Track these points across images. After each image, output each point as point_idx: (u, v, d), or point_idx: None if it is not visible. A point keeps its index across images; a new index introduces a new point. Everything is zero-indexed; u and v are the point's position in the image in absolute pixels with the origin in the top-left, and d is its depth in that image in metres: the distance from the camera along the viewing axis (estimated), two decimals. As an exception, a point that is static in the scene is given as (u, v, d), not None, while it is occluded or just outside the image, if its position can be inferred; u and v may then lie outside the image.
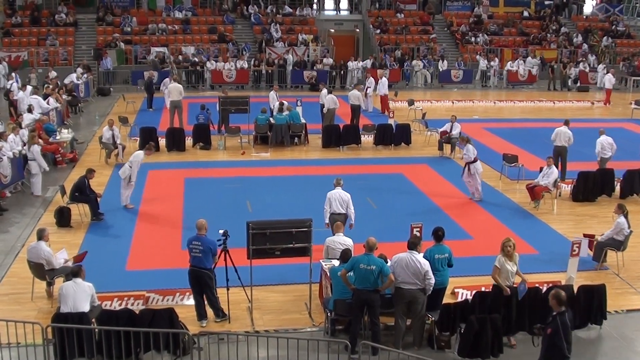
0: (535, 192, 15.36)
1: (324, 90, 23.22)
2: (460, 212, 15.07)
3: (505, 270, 9.31)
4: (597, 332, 9.87)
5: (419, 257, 9.15)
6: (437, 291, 9.47)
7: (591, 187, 16.06)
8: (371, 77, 27.81)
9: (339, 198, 12.43)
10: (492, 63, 35.08)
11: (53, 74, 28.07)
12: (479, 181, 15.69)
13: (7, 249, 12.54)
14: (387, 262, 9.30)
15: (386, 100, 26.07)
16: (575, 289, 9.86)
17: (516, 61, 35.06)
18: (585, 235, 12.18)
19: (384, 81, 26.44)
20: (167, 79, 26.59)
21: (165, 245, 12.84)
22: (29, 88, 24.18)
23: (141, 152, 15.21)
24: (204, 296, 9.80)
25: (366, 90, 26.92)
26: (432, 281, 9.13)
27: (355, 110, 23.23)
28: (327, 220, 12.28)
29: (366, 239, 9.19)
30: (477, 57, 35.84)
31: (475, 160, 15.55)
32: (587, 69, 35.33)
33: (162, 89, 26.76)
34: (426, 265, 9.09)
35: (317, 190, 15.07)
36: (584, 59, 36.60)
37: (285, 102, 21.58)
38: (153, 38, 34.72)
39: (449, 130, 19.70)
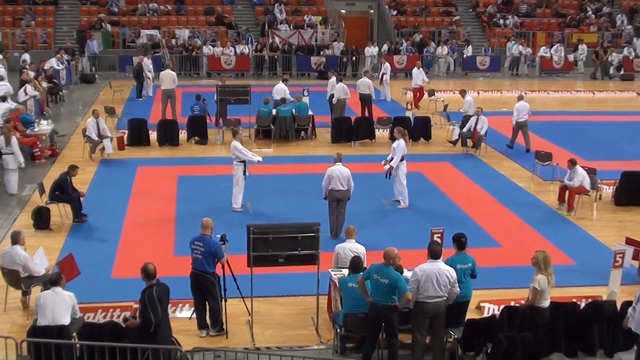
0: (570, 195, 15.26)
1: (333, 79, 23.19)
2: (487, 216, 15.02)
3: (547, 292, 9.20)
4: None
5: (445, 266, 9.14)
6: (459, 305, 9.44)
7: (636, 189, 15.87)
8: (387, 63, 27.77)
9: (339, 174, 13.04)
10: (523, 48, 34.93)
11: (26, 57, 27.98)
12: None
13: (-22, 254, 12.55)
14: (402, 274, 9.25)
15: (421, 93, 25.91)
16: (618, 305, 9.78)
17: (554, 47, 34.77)
18: (628, 242, 11.96)
19: (421, 70, 26.14)
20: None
21: (156, 250, 12.84)
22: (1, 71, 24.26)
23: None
24: (206, 304, 9.88)
25: (382, 77, 26.85)
26: (458, 290, 9.14)
27: (366, 100, 23.22)
28: (324, 195, 13.35)
29: (385, 248, 9.14)
30: (507, 41, 35.74)
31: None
32: (632, 55, 35.10)
33: (146, 75, 26.81)
34: (454, 273, 9.10)
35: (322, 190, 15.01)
36: (629, 44, 36.35)
37: (287, 97, 21.53)
38: (143, 19, 34.78)
39: (473, 125, 19.62)
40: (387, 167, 15.03)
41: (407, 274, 9.54)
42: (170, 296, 8.98)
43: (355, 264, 9.53)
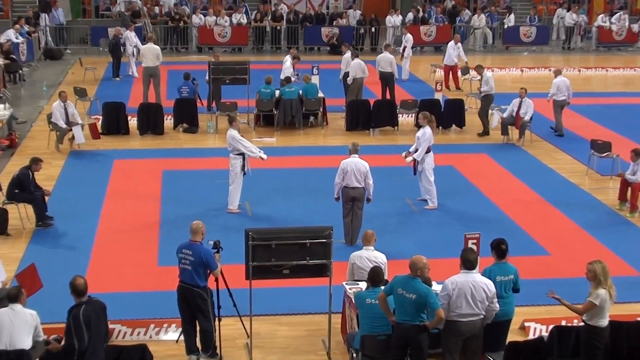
0: (633, 193, 15.18)
1: (348, 54, 23.15)
2: (532, 218, 14.98)
3: (607, 309, 9.13)
4: None
5: (481, 278, 9.10)
6: (500, 325, 9.42)
7: None
8: (409, 34, 27.69)
9: (355, 168, 12.98)
10: (576, 17, 34.78)
11: None
12: None
13: None
14: (431, 287, 9.24)
15: (455, 72, 25.86)
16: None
17: (615, 15, 34.58)
18: None
19: (459, 45, 25.99)
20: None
21: (135, 260, 12.87)
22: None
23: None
24: (197, 324, 9.89)
25: (403, 51, 26.74)
26: (497, 307, 9.13)
27: (387, 79, 23.18)
28: (336, 194, 13.35)
29: (411, 257, 9.09)
30: (556, 8, 35.59)
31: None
32: None
33: (128, 52, 26.89)
34: (492, 286, 9.08)
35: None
36: None
37: (293, 77, 21.55)
38: (120, -17, 34.87)
39: (516, 109, 19.55)
40: (409, 159, 14.99)
41: (436, 287, 9.53)
42: (107, 316, 8.85)
43: (375, 276, 9.49)
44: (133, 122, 20.44)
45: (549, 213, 15.33)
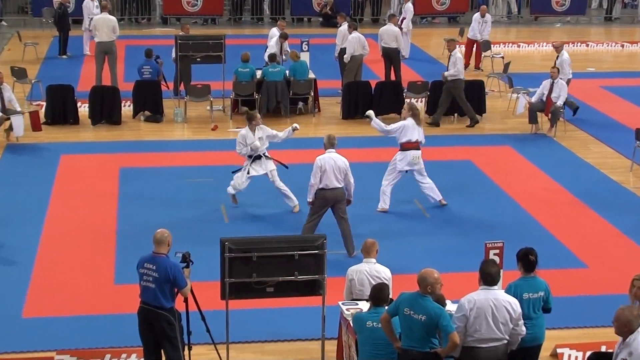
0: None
1: (345, 26, 23.12)
2: (565, 223, 15.03)
3: None
4: None
5: (504, 295, 9.11)
6: (527, 351, 9.41)
7: None
8: (409, 3, 27.68)
9: (334, 165, 12.97)
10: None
11: None
12: None
13: None
14: (445, 307, 9.24)
15: (479, 49, 25.86)
16: None
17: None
18: None
19: (487, 19, 26.02)
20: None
21: (87, 276, 12.82)
22: None
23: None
24: (162, 353, 9.83)
25: (401, 23, 26.71)
26: (523, 330, 9.11)
27: (392, 57, 23.20)
28: (310, 198, 13.36)
29: (420, 270, 9.07)
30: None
31: None
32: None
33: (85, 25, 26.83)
34: (517, 305, 9.06)
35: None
36: None
37: (282, 54, 21.54)
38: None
39: (547, 93, 19.59)
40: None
41: (450, 307, 9.53)
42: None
43: (379, 294, 9.49)
44: (84, 109, 20.41)
45: (586, 217, 15.38)
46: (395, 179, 15.24)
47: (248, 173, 14.98)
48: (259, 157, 15.06)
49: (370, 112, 15.48)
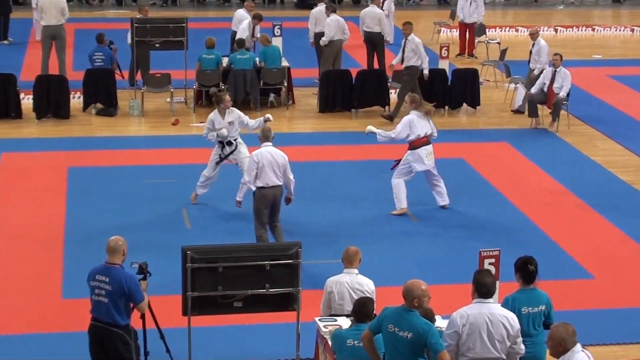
0: None
1: (322, 8, 23.14)
2: (569, 227, 15.05)
3: None
4: None
5: (501, 309, 9.07)
6: (528, 372, 9.45)
7: None
8: None
9: (273, 161, 13.06)
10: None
11: None
12: None
13: None
14: (434, 323, 9.18)
15: (472, 33, 25.91)
16: None
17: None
18: None
19: (478, 1, 26.06)
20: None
21: (31, 290, 12.74)
22: None
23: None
24: None
25: (382, 3, 26.62)
26: (522, 349, 9.07)
27: (375, 42, 23.22)
28: (240, 197, 13.77)
29: (405, 282, 8.96)
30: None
31: None
32: None
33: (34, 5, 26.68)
34: (515, 321, 9.01)
35: (309, 189, 14.98)
36: None
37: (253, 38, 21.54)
38: None
39: (548, 83, 19.59)
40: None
41: (440, 323, 9.51)
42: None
43: (361, 309, 9.45)
44: (27, 101, 20.34)
45: (592, 221, 15.40)
46: (407, 175, 15.22)
47: (217, 161, 15.02)
48: (229, 143, 15.01)
49: (370, 127, 15.36)
